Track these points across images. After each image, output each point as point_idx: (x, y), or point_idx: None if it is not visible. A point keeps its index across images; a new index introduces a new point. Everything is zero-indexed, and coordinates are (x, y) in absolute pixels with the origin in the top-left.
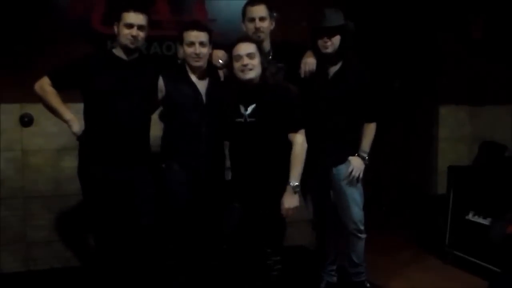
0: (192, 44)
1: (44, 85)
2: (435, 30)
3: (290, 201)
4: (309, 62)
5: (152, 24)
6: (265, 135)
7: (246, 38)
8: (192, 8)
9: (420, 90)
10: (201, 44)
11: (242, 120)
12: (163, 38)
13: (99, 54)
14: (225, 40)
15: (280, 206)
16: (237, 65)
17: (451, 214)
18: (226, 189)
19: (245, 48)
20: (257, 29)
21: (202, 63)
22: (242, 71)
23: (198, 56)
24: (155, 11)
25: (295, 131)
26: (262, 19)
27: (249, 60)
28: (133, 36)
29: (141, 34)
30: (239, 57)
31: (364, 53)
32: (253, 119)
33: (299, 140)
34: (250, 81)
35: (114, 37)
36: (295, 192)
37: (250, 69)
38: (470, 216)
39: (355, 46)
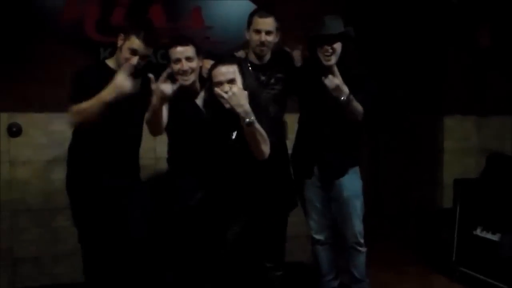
0: (178, 60)
1: (77, 108)
2: (441, 38)
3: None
4: (297, 53)
5: None
6: (251, 159)
7: (226, 60)
8: (188, 16)
9: (425, 100)
10: (188, 59)
11: (229, 142)
12: (158, 46)
13: (93, 66)
14: (222, 47)
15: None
16: (217, 91)
17: (458, 229)
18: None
19: (225, 73)
20: (262, 43)
21: (191, 79)
22: (222, 98)
23: (185, 73)
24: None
25: None
26: (268, 33)
27: (230, 85)
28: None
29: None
30: (220, 83)
31: (367, 62)
32: (237, 146)
33: None
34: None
35: (107, 45)
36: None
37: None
38: (478, 232)
39: (358, 52)
